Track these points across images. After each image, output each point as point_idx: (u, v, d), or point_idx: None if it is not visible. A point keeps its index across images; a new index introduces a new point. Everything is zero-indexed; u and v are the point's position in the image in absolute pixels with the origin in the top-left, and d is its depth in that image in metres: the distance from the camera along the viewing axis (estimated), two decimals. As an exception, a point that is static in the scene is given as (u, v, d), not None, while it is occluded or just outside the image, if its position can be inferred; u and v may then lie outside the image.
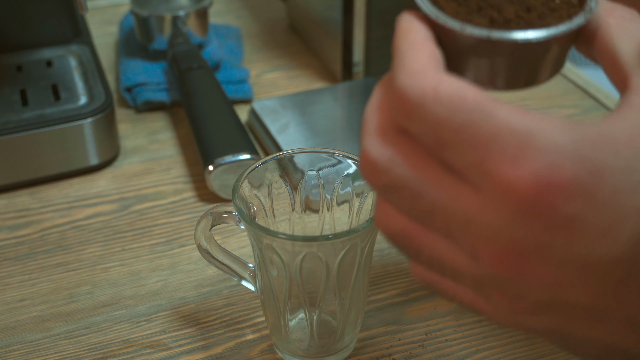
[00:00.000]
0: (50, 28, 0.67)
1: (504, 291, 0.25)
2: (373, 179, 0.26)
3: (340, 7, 0.68)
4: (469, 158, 0.24)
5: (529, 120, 0.23)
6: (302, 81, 0.73)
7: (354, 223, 0.44)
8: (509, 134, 0.23)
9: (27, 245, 0.53)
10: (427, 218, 0.26)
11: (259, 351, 0.45)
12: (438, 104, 0.24)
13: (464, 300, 0.27)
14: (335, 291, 0.40)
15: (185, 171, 0.61)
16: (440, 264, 0.26)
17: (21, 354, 0.45)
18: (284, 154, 0.43)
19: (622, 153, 0.23)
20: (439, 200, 0.25)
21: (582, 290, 0.24)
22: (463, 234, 0.25)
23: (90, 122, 0.59)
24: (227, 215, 0.42)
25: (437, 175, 0.25)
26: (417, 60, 0.25)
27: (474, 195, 0.24)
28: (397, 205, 0.26)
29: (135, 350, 0.45)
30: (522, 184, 0.23)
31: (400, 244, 0.27)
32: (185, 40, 0.70)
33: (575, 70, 0.75)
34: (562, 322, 0.25)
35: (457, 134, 0.24)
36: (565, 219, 0.23)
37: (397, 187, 0.26)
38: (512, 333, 0.46)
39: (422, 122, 0.24)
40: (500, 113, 0.23)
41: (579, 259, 0.23)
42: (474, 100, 0.24)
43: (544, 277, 0.24)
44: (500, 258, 0.24)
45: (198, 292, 0.49)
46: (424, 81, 0.24)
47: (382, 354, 0.45)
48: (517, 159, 0.23)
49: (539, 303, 0.25)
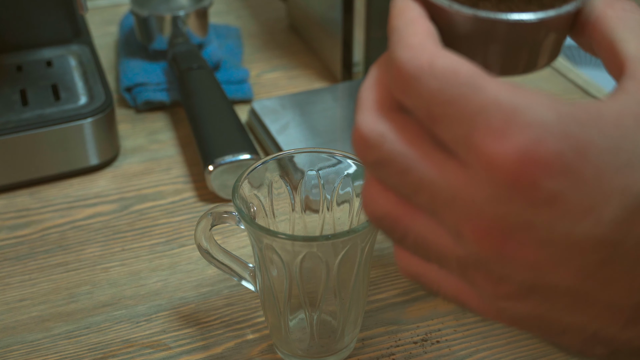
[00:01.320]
0: (50, 28, 0.67)
1: (487, 273, 0.25)
2: (364, 154, 0.26)
3: (340, 7, 0.68)
4: (457, 131, 0.24)
5: (517, 96, 0.23)
6: (302, 81, 0.73)
7: (354, 223, 0.44)
8: (495, 108, 0.23)
9: (27, 245, 0.53)
10: (414, 194, 0.26)
11: (259, 351, 0.45)
12: (432, 78, 0.24)
13: (449, 291, 0.27)
14: (335, 291, 0.40)
15: (185, 171, 0.61)
16: (425, 246, 0.26)
17: (21, 354, 0.45)
18: (284, 154, 0.43)
19: (609, 132, 0.23)
20: (426, 176, 0.25)
21: (565, 272, 0.24)
22: (448, 210, 0.25)
23: (90, 122, 0.59)
24: (227, 215, 0.42)
25: (427, 150, 0.25)
26: (415, 36, 0.25)
27: (460, 171, 0.24)
28: (386, 181, 0.26)
29: (135, 350, 0.45)
30: (505, 158, 0.23)
31: (386, 226, 0.27)
32: (185, 40, 0.70)
33: (575, 70, 0.75)
34: (545, 307, 0.25)
35: (447, 107, 0.24)
36: (547, 196, 0.23)
37: (386, 161, 0.26)
38: (512, 333, 0.46)
39: (416, 96, 0.25)
40: (489, 87, 0.23)
41: (561, 238, 0.23)
42: (466, 74, 0.24)
43: (527, 256, 0.24)
44: (483, 235, 0.24)
45: (198, 292, 0.49)
46: (421, 55, 0.25)
47: (382, 354, 0.45)
48: (502, 133, 0.23)
49: (522, 285, 0.25)
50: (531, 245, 0.23)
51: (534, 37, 0.27)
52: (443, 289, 0.27)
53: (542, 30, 0.27)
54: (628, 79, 0.25)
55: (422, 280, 0.28)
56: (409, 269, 0.28)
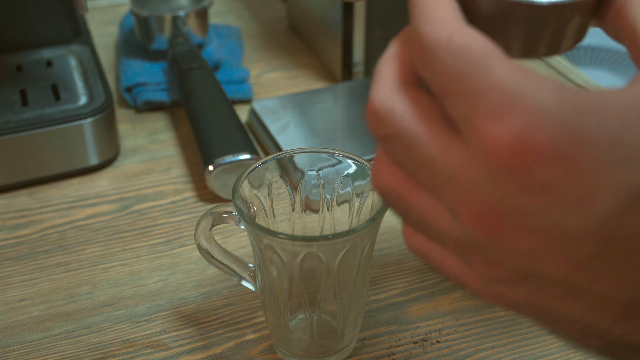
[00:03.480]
0: (50, 28, 0.67)
1: (483, 255, 0.25)
2: (375, 128, 0.27)
3: (340, 7, 0.68)
4: (462, 109, 0.24)
5: (521, 79, 0.23)
6: (302, 81, 0.73)
7: (354, 223, 0.44)
8: (497, 90, 0.23)
9: (27, 245, 0.53)
10: (417, 171, 0.26)
11: (259, 351, 0.45)
12: (448, 53, 0.24)
13: (451, 271, 0.27)
14: (335, 291, 0.40)
15: (185, 171, 0.61)
16: (426, 223, 0.27)
17: (21, 354, 0.45)
18: (284, 154, 0.43)
19: (610, 124, 0.22)
20: (428, 153, 0.25)
21: (557, 262, 0.24)
22: (446, 189, 0.25)
23: (90, 122, 0.59)
24: (227, 215, 0.42)
25: (435, 128, 0.25)
26: (438, 10, 0.25)
27: (461, 150, 0.24)
28: (393, 156, 0.27)
29: (135, 350, 0.45)
30: (500, 141, 0.23)
31: (392, 202, 0.28)
32: (185, 40, 0.70)
33: (575, 70, 0.75)
34: (539, 295, 0.25)
35: (457, 84, 0.24)
36: (540, 184, 0.23)
37: (394, 136, 0.26)
38: (512, 333, 0.46)
39: (433, 70, 0.25)
40: (496, 68, 0.23)
41: (553, 227, 0.23)
42: (478, 52, 0.24)
43: (519, 242, 0.24)
44: (477, 217, 0.24)
45: (198, 292, 0.49)
46: (442, 29, 0.25)
47: (382, 354, 0.45)
48: (499, 115, 0.23)
49: (516, 271, 0.25)
50: (523, 232, 0.23)
51: (557, 19, 0.27)
52: (446, 268, 0.28)
53: (565, 13, 0.26)
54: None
55: (427, 258, 0.28)
56: (414, 245, 0.29)
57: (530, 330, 0.46)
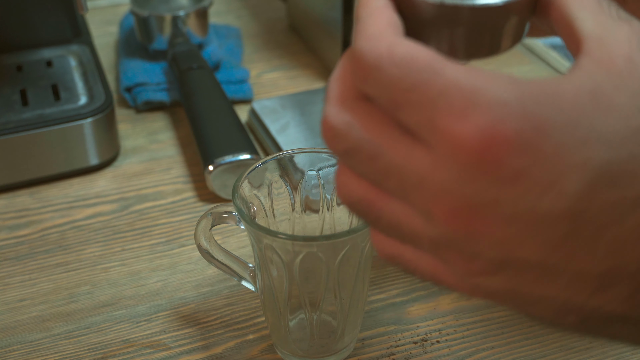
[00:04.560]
0: (50, 28, 0.67)
1: (459, 251, 0.26)
2: (333, 144, 0.27)
3: (340, 7, 0.68)
4: (420, 116, 0.24)
5: (476, 78, 0.24)
6: (302, 81, 0.73)
7: (354, 223, 0.44)
8: (455, 90, 0.24)
9: (27, 245, 0.53)
10: (384, 180, 0.26)
11: (259, 351, 0.45)
12: (392, 65, 0.25)
13: (425, 270, 0.28)
14: (335, 291, 0.40)
15: (185, 171, 0.61)
16: (398, 228, 0.27)
17: (21, 354, 0.45)
18: (284, 154, 0.43)
19: (567, 109, 0.23)
20: (394, 161, 0.26)
21: (532, 246, 0.24)
22: (416, 193, 0.25)
23: (90, 122, 0.59)
24: (227, 215, 0.42)
25: (393, 137, 0.26)
26: (375, 26, 0.26)
27: (426, 154, 0.25)
28: (356, 169, 0.27)
29: (135, 350, 0.45)
30: (468, 137, 0.23)
31: (360, 211, 0.28)
32: (185, 40, 0.70)
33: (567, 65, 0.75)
34: (516, 281, 0.26)
35: (409, 93, 0.24)
36: (511, 174, 0.23)
37: (355, 150, 0.27)
38: (512, 333, 0.46)
39: (378, 84, 0.25)
40: (448, 71, 0.24)
41: (526, 213, 0.24)
42: (425, 59, 0.24)
43: (494, 233, 0.24)
44: (452, 215, 0.25)
45: (198, 292, 0.49)
46: (380, 44, 0.25)
47: (382, 354, 0.45)
48: (463, 113, 0.23)
49: (493, 262, 0.25)
50: (498, 222, 0.24)
51: (498, 20, 0.28)
52: (420, 269, 0.28)
53: (505, 14, 0.27)
54: (584, 56, 0.26)
55: (399, 261, 0.29)
56: (385, 251, 0.29)
57: (530, 330, 0.46)
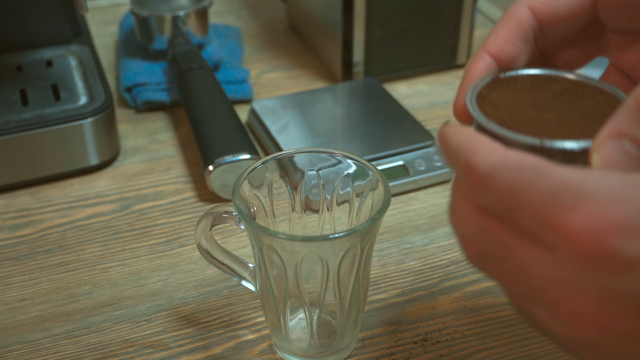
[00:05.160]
0: (50, 28, 0.67)
1: (596, 351, 0.26)
2: (468, 251, 0.30)
3: (340, 7, 0.68)
4: (534, 217, 0.26)
5: (582, 174, 0.25)
6: (302, 81, 0.73)
7: (354, 223, 0.44)
8: (564, 187, 0.25)
9: (27, 245, 0.53)
10: (514, 283, 0.28)
11: (258, 351, 0.45)
12: (505, 171, 0.26)
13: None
14: (335, 291, 0.40)
15: (185, 171, 0.61)
16: (538, 328, 0.28)
17: (21, 354, 0.45)
18: (284, 154, 0.43)
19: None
20: (520, 265, 0.27)
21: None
22: (545, 295, 0.26)
23: (90, 122, 0.59)
24: (227, 215, 0.42)
25: (515, 241, 0.27)
26: (482, 142, 0.28)
27: (546, 255, 0.26)
28: (489, 270, 0.29)
29: (135, 350, 0.45)
30: (579, 230, 0.24)
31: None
32: (185, 40, 0.70)
33: (575, 70, 0.75)
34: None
35: (522, 196, 0.26)
36: (629, 260, 0.23)
37: (487, 255, 0.29)
38: (512, 333, 0.46)
39: (493, 190, 0.27)
40: (555, 171, 0.25)
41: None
42: (534, 163, 0.26)
43: (631, 329, 0.24)
44: (581, 316, 0.25)
45: (198, 292, 0.49)
46: (492, 155, 0.27)
47: (382, 354, 0.45)
48: (571, 207, 0.24)
49: (634, 356, 0.25)
50: (632, 316, 0.24)
51: (578, 157, 0.30)
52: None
53: (583, 154, 0.30)
54: None
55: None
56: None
57: (530, 330, 0.46)
